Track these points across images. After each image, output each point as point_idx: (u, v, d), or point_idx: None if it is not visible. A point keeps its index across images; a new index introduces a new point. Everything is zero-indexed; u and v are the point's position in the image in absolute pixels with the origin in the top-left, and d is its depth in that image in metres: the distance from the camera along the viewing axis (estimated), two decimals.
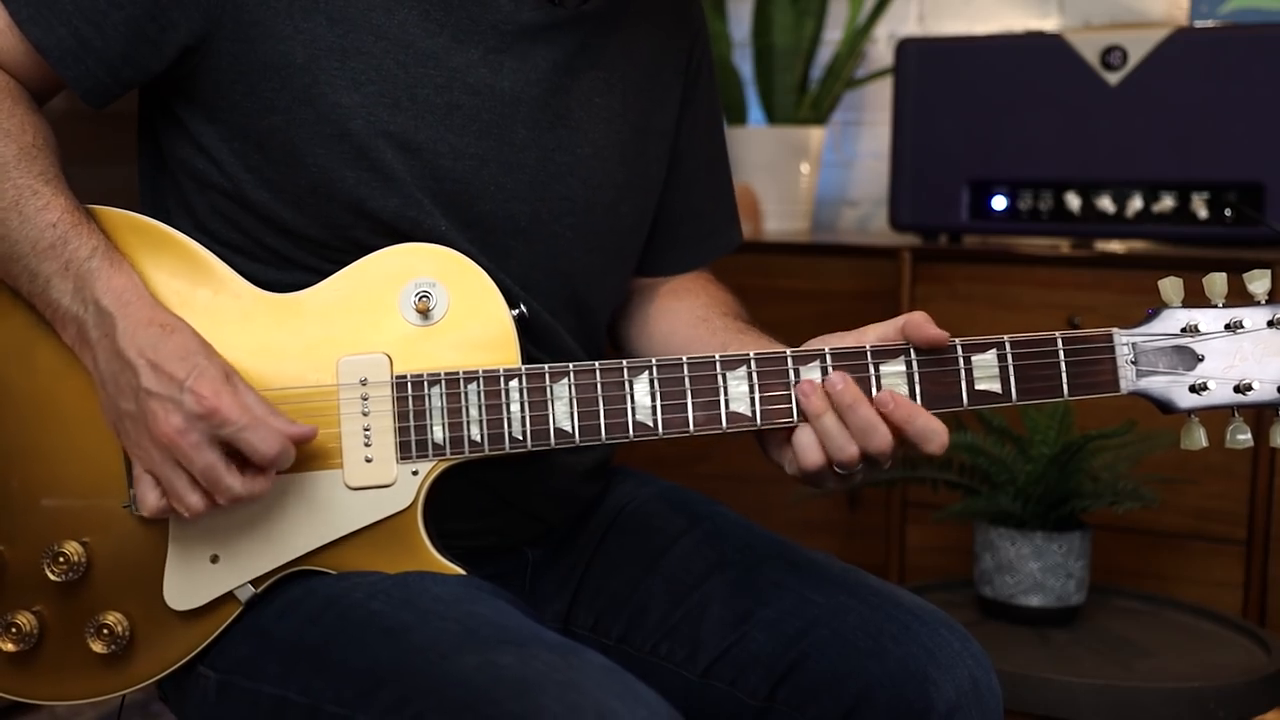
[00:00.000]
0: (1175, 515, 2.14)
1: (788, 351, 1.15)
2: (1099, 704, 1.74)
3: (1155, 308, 1.16)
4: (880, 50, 2.94)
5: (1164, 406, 1.16)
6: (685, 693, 1.21)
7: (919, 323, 1.13)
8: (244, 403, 1.07)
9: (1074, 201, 2.25)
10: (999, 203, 2.30)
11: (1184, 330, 1.15)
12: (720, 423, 1.14)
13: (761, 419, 1.14)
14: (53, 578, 1.15)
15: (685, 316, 1.37)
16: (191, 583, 1.14)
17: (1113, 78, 2.20)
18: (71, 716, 2.28)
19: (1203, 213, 2.17)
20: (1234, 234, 2.14)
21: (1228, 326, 1.15)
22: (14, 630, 1.15)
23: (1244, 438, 1.15)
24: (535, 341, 1.22)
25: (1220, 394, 1.15)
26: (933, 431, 1.11)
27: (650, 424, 1.15)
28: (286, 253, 1.19)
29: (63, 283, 1.11)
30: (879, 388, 1.14)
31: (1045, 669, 1.77)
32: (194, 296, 1.15)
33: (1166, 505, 2.06)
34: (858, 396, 1.12)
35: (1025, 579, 1.92)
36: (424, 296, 1.15)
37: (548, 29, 1.22)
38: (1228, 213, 2.15)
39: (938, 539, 2.32)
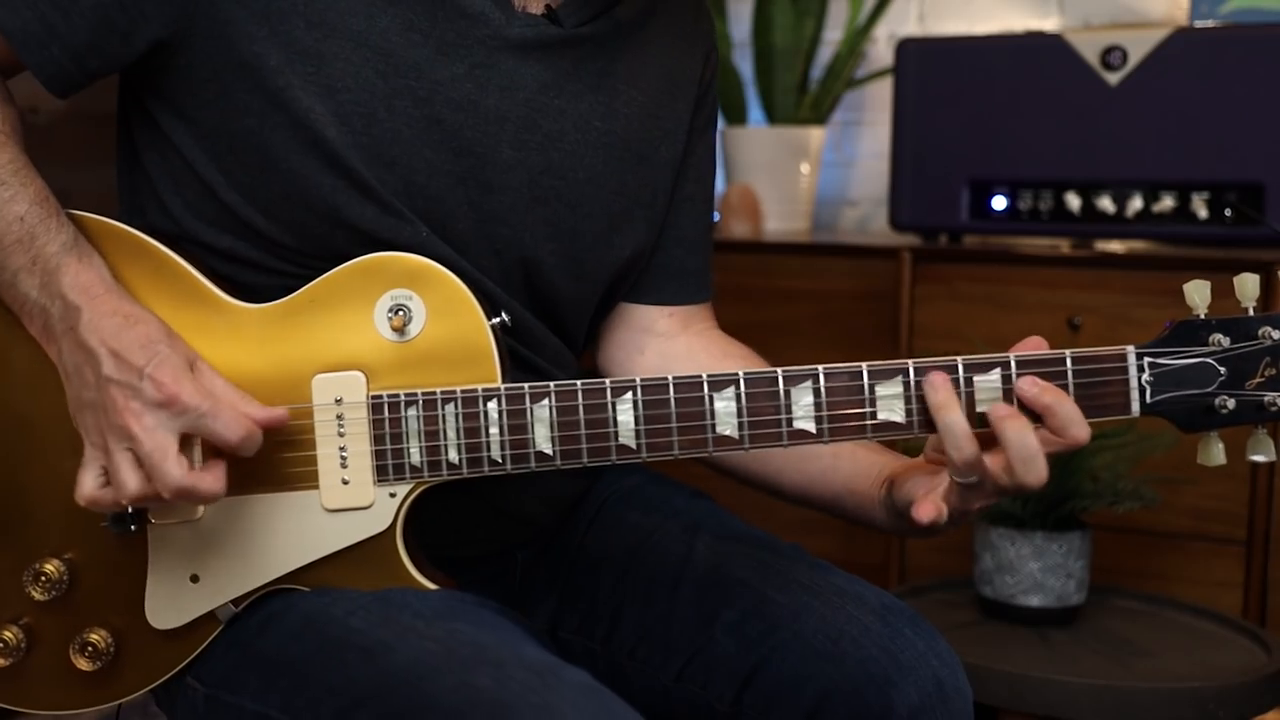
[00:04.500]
0: (1175, 515, 2.14)
1: (779, 371, 1.10)
2: (1099, 704, 1.74)
3: (1174, 321, 1.09)
4: (880, 50, 2.94)
5: (1182, 425, 1.09)
6: (665, 697, 1.20)
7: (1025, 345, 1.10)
8: (206, 389, 1.04)
9: (1074, 201, 2.25)
10: (999, 203, 2.30)
11: (1208, 343, 1.08)
12: (707, 446, 1.10)
13: (749, 442, 1.10)
14: (36, 596, 1.14)
15: (712, 366, 1.32)
16: (172, 602, 1.13)
17: (1113, 78, 2.20)
18: (71, 716, 2.28)
19: (1203, 213, 2.17)
20: (1234, 234, 2.14)
21: (1257, 336, 1.08)
22: (1, 644, 1.15)
23: (1259, 457, 1.09)
24: (523, 342, 1.20)
25: (1244, 411, 1.08)
26: (1077, 423, 1.06)
27: (634, 446, 1.10)
28: (259, 258, 1.16)
29: (30, 277, 1.09)
30: (874, 409, 1.09)
31: (1045, 669, 1.78)
32: (167, 309, 1.12)
33: (1166, 505, 2.06)
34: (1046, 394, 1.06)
35: (1025, 579, 1.92)
36: (400, 311, 1.11)
37: (539, 47, 1.18)
38: (1228, 213, 2.15)
39: (938, 539, 2.32)
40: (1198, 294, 1.08)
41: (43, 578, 1.13)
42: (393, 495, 1.11)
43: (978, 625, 1.95)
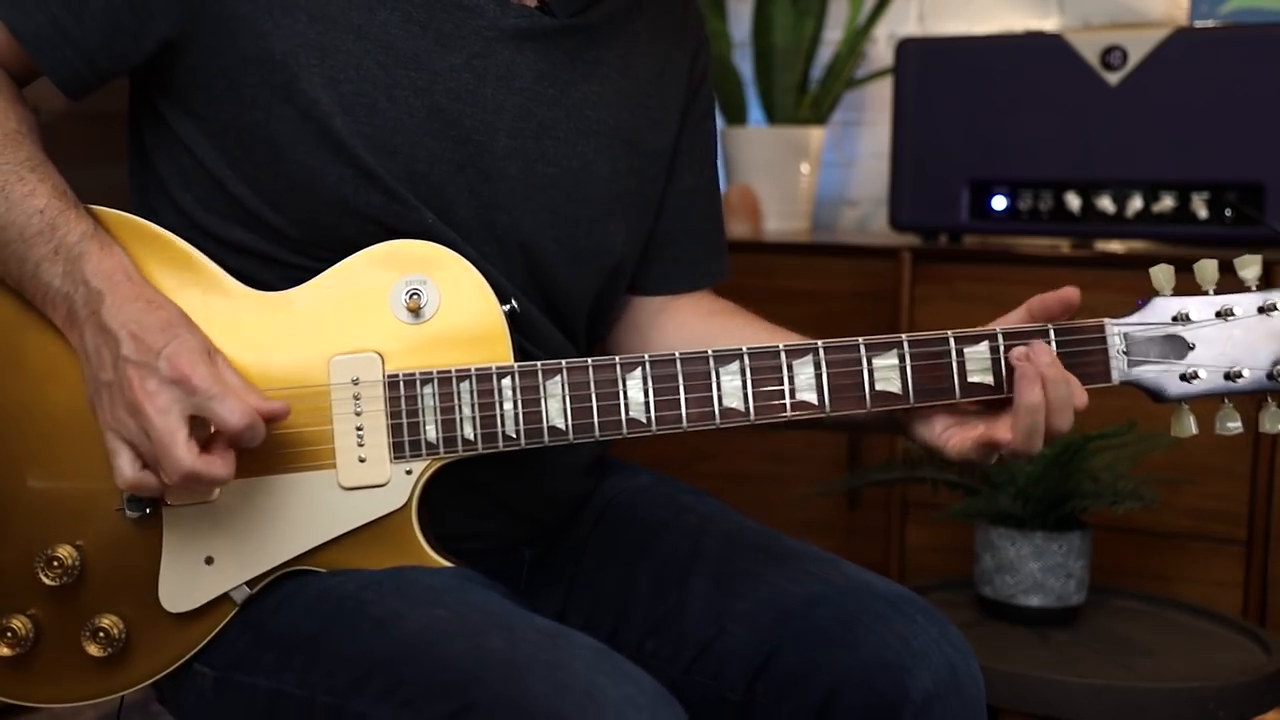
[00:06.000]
0: (1175, 515, 2.14)
1: (780, 346, 1.15)
2: (1099, 704, 1.74)
3: (1145, 297, 1.17)
4: (880, 50, 2.94)
5: (1155, 395, 1.17)
6: (675, 688, 1.20)
7: (1043, 298, 1.17)
8: (218, 375, 1.06)
9: (1074, 201, 2.25)
10: (999, 203, 2.30)
11: (1175, 319, 1.16)
12: (714, 418, 1.14)
13: (755, 414, 1.14)
14: (47, 582, 1.14)
15: (699, 326, 1.38)
16: (187, 585, 1.14)
17: (1113, 78, 2.20)
18: (71, 716, 2.28)
19: (1203, 213, 2.17)
20: (1234, 234, 2.14)
21: (1218, 314, 1.15)
22: (9, 634, 1.15)
23: (1234, 425, 1.16)
24: (526, 335, 1.22)
25: (1210, 381, 1.15)
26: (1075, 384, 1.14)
27: (644, 420, 1.14)
28: (270, 250, 1.18)
29: (53, 266, 1.11)
30: (871, 380, 1.14)
31: (1045, 669, 1.78)
32: (184, 297, 1.14)
33: (1166, 505, 2.05)
34: (1054, 359, 1.14)
35: (1025, 579, 1.92)
36: (414, 294, 1.14)
37: (534, 37, 1.21)
38: (1228, 213, 2.15)
39: (938, 539, 2.32)
40: (1163, 276, 1.16)
41: (55, 563, 1.14)
42: (409, 472, 1.14)
43: (978, 625, 1.95)
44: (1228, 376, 1.15)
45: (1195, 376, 1.15)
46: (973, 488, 1.99)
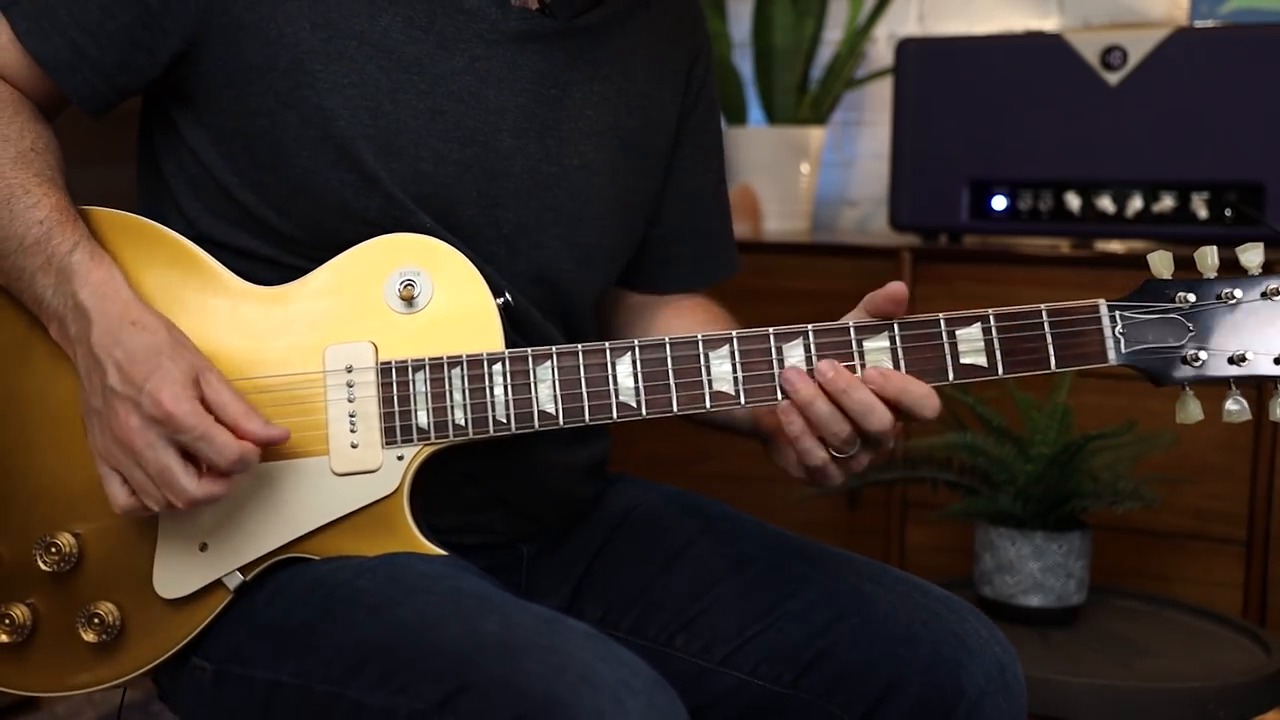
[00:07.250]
0: (1175, 515, 2.14)
1: (770, 330, 1.15)
2: (1099, 704, 1.74)
3: (1145, 280, 1.15)
4: (880, 50, 2.94)
5: (1156, 378, 1.14)
6: (698, 679, 1.22)
7: (873, 295, 1.15)
8: (201, 412, 1.06)
9: (1074, 201, 2.25)
10: (999, 203, 2.30)
11: (1174, 300, 1.14)
12: (704, 402, 1.15)
13: (745, 397, 1.15)
14: (44, 568, 1.15)
15: (677, 322, 1.39)
16: (181, 571, 1.14)
17: (1113, 78, 2.21)
18: (72, 716, 2.28)
19: (1203, 213, 2.17)
20: (1234, 234, 2.14)
21: (1219, 297, 1.13)
22: (7, 622, 1.16)
23: (1236, 408, 1.12)
24: (520, 330, 1.23)
25: (1214, 365, 1.12)
26: (925, 397, 1.11)
27: (634, 404, 1.15)
28: (274, 254, 1.20)
29: (45, 277, 1.12)
30: (863, 363, 1.14)
31: (1045, 669, 1.77)
32: (183, 292, 1.17)
33: (1166, 505, 2.06)
34: (850, 381, 1.11)
35: (1025, 579, 1.92)
36: (408, 284, 1.16)
37: (535, 39, 1.23)
38: (1228, 213, 2.15)
39: (938, 539, 2.32)
40: (1161, 262, 1.14)
41: (53, 548, 1.16)
42: (400, 458, 1.15)
43: None
44: (1232, 360, 1.12)
45: (1197, 360, 1.12)
46: (973, 487, 1.99)
